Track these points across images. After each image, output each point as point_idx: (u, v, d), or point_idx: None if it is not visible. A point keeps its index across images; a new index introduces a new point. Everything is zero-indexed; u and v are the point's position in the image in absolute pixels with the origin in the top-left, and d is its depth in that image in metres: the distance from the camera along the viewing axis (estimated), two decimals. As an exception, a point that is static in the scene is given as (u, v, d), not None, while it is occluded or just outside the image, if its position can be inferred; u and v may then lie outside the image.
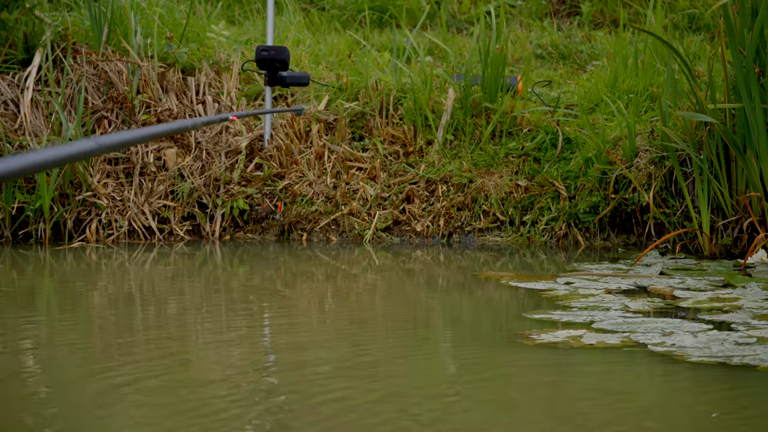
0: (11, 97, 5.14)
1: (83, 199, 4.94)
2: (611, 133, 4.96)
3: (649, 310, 3.22)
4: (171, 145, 5.12)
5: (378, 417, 2.16)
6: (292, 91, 5.44)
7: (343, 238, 4.97)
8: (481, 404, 2.28)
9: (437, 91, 5.30)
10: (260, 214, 5.04)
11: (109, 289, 3.79)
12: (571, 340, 2.79)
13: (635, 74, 5.30)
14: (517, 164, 5.03)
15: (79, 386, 2.42)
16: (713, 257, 4.44)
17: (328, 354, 2.76)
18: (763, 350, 2.65)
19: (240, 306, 3.52)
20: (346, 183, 5.05)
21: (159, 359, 2.68)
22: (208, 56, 5.48)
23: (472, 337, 3.01)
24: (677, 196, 4.73)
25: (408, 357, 2.74)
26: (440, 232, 4.94)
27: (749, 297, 3.40)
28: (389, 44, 6.26)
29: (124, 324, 3.15)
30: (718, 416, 2.21)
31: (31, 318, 3.30)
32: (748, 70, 4.27)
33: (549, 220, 4.89)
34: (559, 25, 6.89)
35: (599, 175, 4.82)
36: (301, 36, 6.14)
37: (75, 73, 5.17)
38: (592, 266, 4.13)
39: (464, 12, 7.08)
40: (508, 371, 2.61)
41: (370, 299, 3.72)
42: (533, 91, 5.43)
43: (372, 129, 5.23)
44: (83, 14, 5.52)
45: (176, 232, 4.97)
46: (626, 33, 5.81)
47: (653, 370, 2.55)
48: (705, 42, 6.28)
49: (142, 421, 2.15)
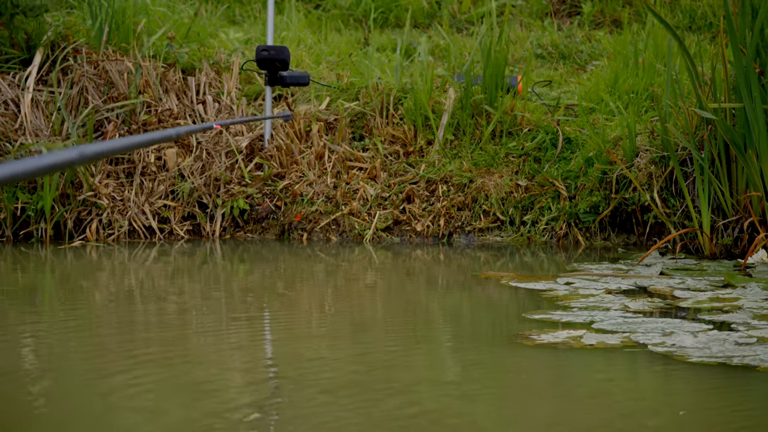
0: (11, 97, 5.14)
1: (84, 199, 4.94)
2: (611, 132, 4.96)
3: (649, 310, 3.22)
4: (171, 145, 5.12)
5: (377, 417, 2.16)
6: (292, 91, 5.44)
7: (343, 237, 4.97)
8: (481, 404, 2.28)
9: (437, 90, 5.31)
10: (260, 214, 5.04)
11: (109, 287, 3.79)
12: (571, 341, 2.79)
13: (636, 74, 5.30)
14: (518, 164, 5.03)
15: (79, 386, 2.42)
16: (713, 257, 4.44)
17: (327, 354, 2.76)
18: (763, 350, 2.65)
19: (239, 306, 3.53)
20: (347, 183, 5.05)
21: (159, 359, 2.68)
22: (209, 56, 5.48)
23: (472, 338, 3.01)
24: (677, 195, 4.73)
25: (407, 357, 2.74)
26: (440, 232, 4.94)
27: (749, 297, 3.40)
28: (390, 44, 6.26)
29: (124, 321, 3.15)
30: (719, 417, 2.21)
31: (32, 316, 3.30)
32: (748, 70, 4.26)
33: (549, 220, 4.89)
34: (560, 24, 6.89)
35: (599, 175, 4.82)
36: (302, 36, 6.14)
37: (75, 73, 5.17)
38: (592, 266, 4.13)
39: (464, 12, 7.08)
40: (508, 371, 2.61)
41: (370, 299, 3.72)
42: (533, 91, 5.43)
43: (372, 129, 5.23)
44: (84, 14, 5.52)
45: (176, 232, 4.97)
46: (627, 33, 5.80)
47: (653, 370, 2.55)
48: (705, 42, 6.28)
49: (141, 420, 2.15)
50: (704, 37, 6.46)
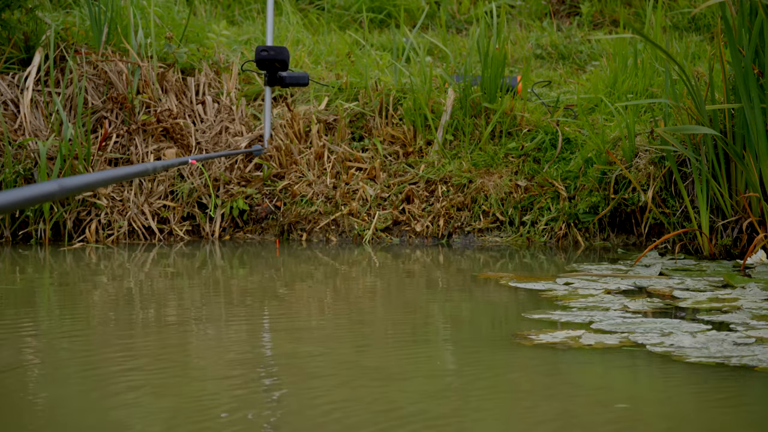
0: (11, 97, 5.14)
1: (83, 199, 4.94)
2: (611, 133, 4.96)
3: (648, 310, 3.22)
4: (171, 146, 5.12)
5: (374, 417, 2.17)
6: (291, 91, 5.44)
7: (342, 238, 4.97)
8: (480, 405, 2.28)
9: (437, 91, 5.31)
10: (260, 215, 5.04)
11: (108, 289, 3.79)
12: (569, 341, 2.79)
13: (635, 74, 5.30)
14: (517, 164, 5.03)
15: (78, 385, 2.42)
16: (713, 258, 4.44)
17: (326, 354, 2.76)
18: (761, 351, 2.65)
19: (239, 306, 3.53)
20: (346, 183, 5.05)
21: (158, 359, 2.68)
22: (208, 56, 5.48)
23: (471, 338, 3.01)
24: (677, 196, 4.73)
25: (407, 357, 2.74)
26: (440, 233, 4.95)
27: (748, 297, 3.40)
28: (389, 44, 6.26)
29: (123, 323, 3.15)
30: (716, 417, 2.21)
31: (30, 318, 3.30)
32: (747, 71, 4.26)
33: (549, 221, 4.89)
34: (559, 25, 6.89)
35: (599, 176, 4.82)
36: (301, 36, 6.14)
37: (75, 73, 5.17)
38: (592, 267, 4.13)
39: (464, 12, 7.08)
40: (507, 371, 2.61)
41: (370, 300, 3.72)
42: (533, 91, 5.43)
43: (372, 129, 5.23)
44: (83, 14, 5.52)
45: (176, 232, 4.97)
46: (625, 33, 5.80)
47: (652, 370, 2.55)
48: (705, 42, 6.28)
49: (141, 420, 2.15)
50: (704, 38, 6.46)
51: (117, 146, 5.11)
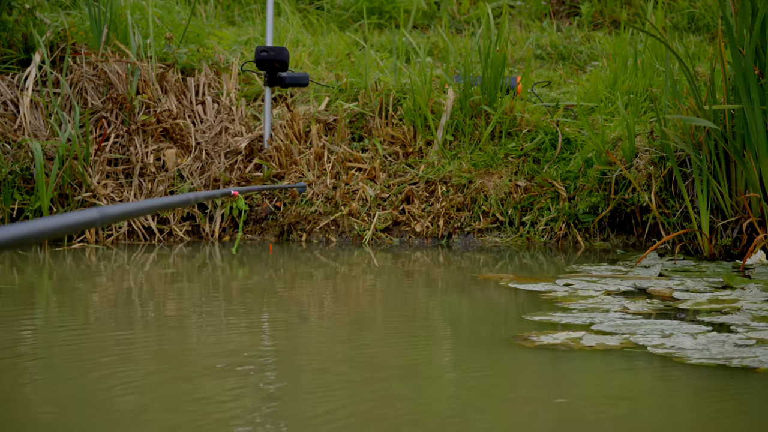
0: (11, 98, 5.14)
1: (82, 200, 4.94)
2: (611, 133, 4.96)
3: (648, 311, 3.22)
4: (170, 146, 5.12)
5: (373, 419, 2.16)
6: (291, 92, 5.43)
7: (342, 238, 4.97)
8: (480, 406, 2.28)
9: (437, 91, 5.30)
10: (260, 215, 5.03)
11: (108, 289, 3.79)
12: (570, 342, 2.78)
13: (635, 75, 5.30)
14: (517, 165, 5.03)
15: (77, 385, 2.42)
16: (712, 258, 4.44)
17: (326, 354, 2.76)
18: (762, 352, 2.65)
19: (238, 306, 3.52)
20: (346, 183, 5.05)
21: (158, 358, 2.68)
22: (208, 57, 5.48)
23: (471, 339, 3.00)
24: (677, 196, 4.73)
25: (406, 358, 2.74)
26: (440, 233, 4.94)
27: (748, 298, 3.40)
28: (389, 45, 6.26)
29: (122, 323, 3.15)
30: (718, 419, 2.21)
31: (29, 318, 3.30)
32: (747, 71, 4.26)
33: (548, 221, 4.89)
34: (559, 25, 6.88)
35: (599, 176, 4.82)
36: (300, 36, 6.14)
37: (74, 73, 5.17)
38: (591, 268, 4.13)
39: (464, 13, 7.08)
40: (507, 373, 2.60)
41: (370, 301, 3.72)
42: (533, 91, 5.43)
43: (371, 129, 5.23)
44: (83, 15, 5.52)
45: (176, 233, 4.97)
46: (626, 33, 5.80)
47: (652, 371, 2.55)
48: (705, 42, 6.28)
49: (140, 419, 2.15)
50: (704, 38, 6.46)
51: (117, 146, 5.10)
